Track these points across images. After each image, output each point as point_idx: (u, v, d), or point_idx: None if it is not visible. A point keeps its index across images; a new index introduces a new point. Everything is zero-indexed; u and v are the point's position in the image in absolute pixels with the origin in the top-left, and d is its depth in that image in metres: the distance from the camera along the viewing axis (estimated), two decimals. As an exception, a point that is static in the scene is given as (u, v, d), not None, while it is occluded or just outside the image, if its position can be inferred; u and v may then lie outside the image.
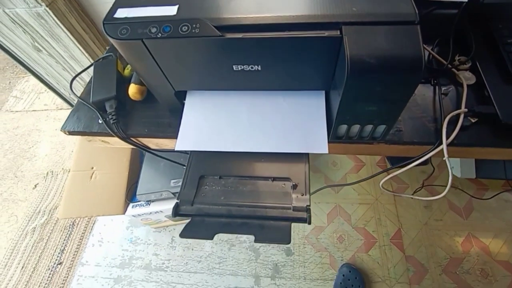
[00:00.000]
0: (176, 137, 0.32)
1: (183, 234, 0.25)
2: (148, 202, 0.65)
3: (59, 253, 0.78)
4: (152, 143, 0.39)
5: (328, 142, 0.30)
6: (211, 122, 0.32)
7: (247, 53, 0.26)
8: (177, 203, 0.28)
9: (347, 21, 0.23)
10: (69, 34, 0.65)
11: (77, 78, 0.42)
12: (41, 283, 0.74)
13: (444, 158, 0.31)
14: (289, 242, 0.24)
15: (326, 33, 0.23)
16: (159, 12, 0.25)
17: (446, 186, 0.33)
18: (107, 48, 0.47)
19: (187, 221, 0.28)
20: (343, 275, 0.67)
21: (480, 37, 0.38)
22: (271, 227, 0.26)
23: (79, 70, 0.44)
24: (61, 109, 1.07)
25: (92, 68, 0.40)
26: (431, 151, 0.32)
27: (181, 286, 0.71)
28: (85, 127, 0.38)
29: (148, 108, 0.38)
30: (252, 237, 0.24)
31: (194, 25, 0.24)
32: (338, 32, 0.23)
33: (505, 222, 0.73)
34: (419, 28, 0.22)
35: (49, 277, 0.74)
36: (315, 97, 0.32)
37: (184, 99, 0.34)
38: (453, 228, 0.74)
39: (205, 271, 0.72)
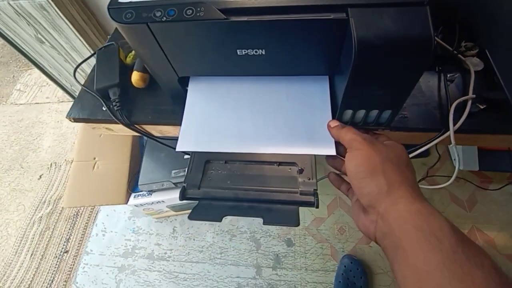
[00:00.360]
0: (179, 124, 0.32)
1: (191, 216, 0.26)
2: (150, 192, 0.66)
3: (65, 242, 0.80)
4: (155, 130, 0.39)
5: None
6: (213, 120, 0.31)
7: (252, 36, 0.26)
8: (184, 186, 0.28)
9: (354, 3, 0.22)
10: (70, 25, 0.65)
11: (78, 70, 0.42)
12: (49, 269, 0.76)
13: (450, 145, 0.31)
14: (298, 225, 0.25)
15: (332, 16, 0.23)
16: None
17: (449, 177, 0.32)
18: (108, 37, 0.47)
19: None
20: (345, 266, 0.67)
21: (488, 21, 0.37)
22: (278, 210, 0.26)
23: (80, 61, 0.44)
24: (62, 101, 1.09)
25: (94, 58, 0.40)
26: (437, 138, 0.31)
27: (183, 276, 0.72)
28: (89, 114, 0.38)
29: (151, 95, 0.38)
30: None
31: (198, 9, 0.24)
32: (344, 15, 0.22)
33: (511, 215, 0.72)
34: (428, 9, 0.21)
35: (56, 264, 0.77)
36: (320, 92, 0.31)
37: (187, 86, 0.34)
38: (456, 221, 0.72)
39: (207, 261, 0.73)
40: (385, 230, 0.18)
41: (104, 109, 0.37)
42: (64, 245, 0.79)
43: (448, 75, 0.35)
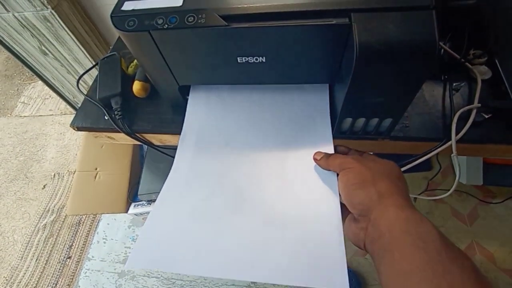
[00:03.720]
0: (179, 133, 0.32)
1: None
2: (149, 202, 0.68)
3: (67, 248, 0.82)
4: (156, 139, 0.39)
5: (332, 138, 0.28)
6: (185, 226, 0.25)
7: (253, 43, 0.25)
8: None
9: (357, 7, 0.21)
10: (73, 36, 0.67)
11: (80, 81, 0.43)
12: (53, 274, 0.79)
13: (452, 155, 0.30)
14: None
15: (335, 21, 0.22)
16: (166, 4, 0.25)
17: (449, 191, 0.31)
18: (110, 48, 0.47)
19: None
20: (339, 278, 0.67)
21: (499, 28, 0.35)
22: None
23: (82, 72, 0.45)
24: (65, 114, 1.11)
25: (96, 70, 0.40)
26: (438, 147, 0.30)
27: (180, 282, 0.74)
28: (92, 123, 0.38)
29: (152, 104, 0.39)
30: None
31: (200, 16, 0.24)
32: (347, 20, 0.22)
33: (512, 230, 0.71)
34: (435, 13, 0.20)
35: (60, 269, 0.79)
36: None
37: (188, 95, 0.34)
38: (455, 235, 0.72)
39: (204, 270, 0.75)
40: (375, 235, 0.19)
41: (106, 118, 0.37)
42: (67, 251, 0.82)
43: (454, 84, 0.34)
